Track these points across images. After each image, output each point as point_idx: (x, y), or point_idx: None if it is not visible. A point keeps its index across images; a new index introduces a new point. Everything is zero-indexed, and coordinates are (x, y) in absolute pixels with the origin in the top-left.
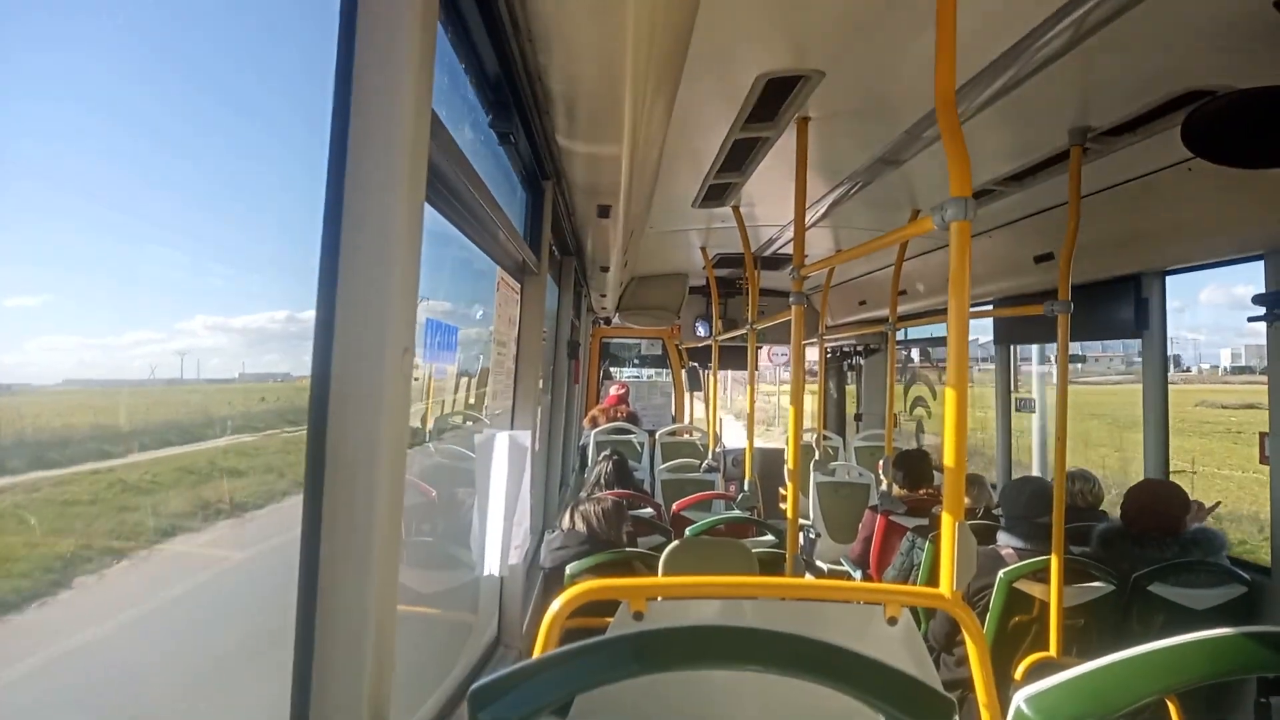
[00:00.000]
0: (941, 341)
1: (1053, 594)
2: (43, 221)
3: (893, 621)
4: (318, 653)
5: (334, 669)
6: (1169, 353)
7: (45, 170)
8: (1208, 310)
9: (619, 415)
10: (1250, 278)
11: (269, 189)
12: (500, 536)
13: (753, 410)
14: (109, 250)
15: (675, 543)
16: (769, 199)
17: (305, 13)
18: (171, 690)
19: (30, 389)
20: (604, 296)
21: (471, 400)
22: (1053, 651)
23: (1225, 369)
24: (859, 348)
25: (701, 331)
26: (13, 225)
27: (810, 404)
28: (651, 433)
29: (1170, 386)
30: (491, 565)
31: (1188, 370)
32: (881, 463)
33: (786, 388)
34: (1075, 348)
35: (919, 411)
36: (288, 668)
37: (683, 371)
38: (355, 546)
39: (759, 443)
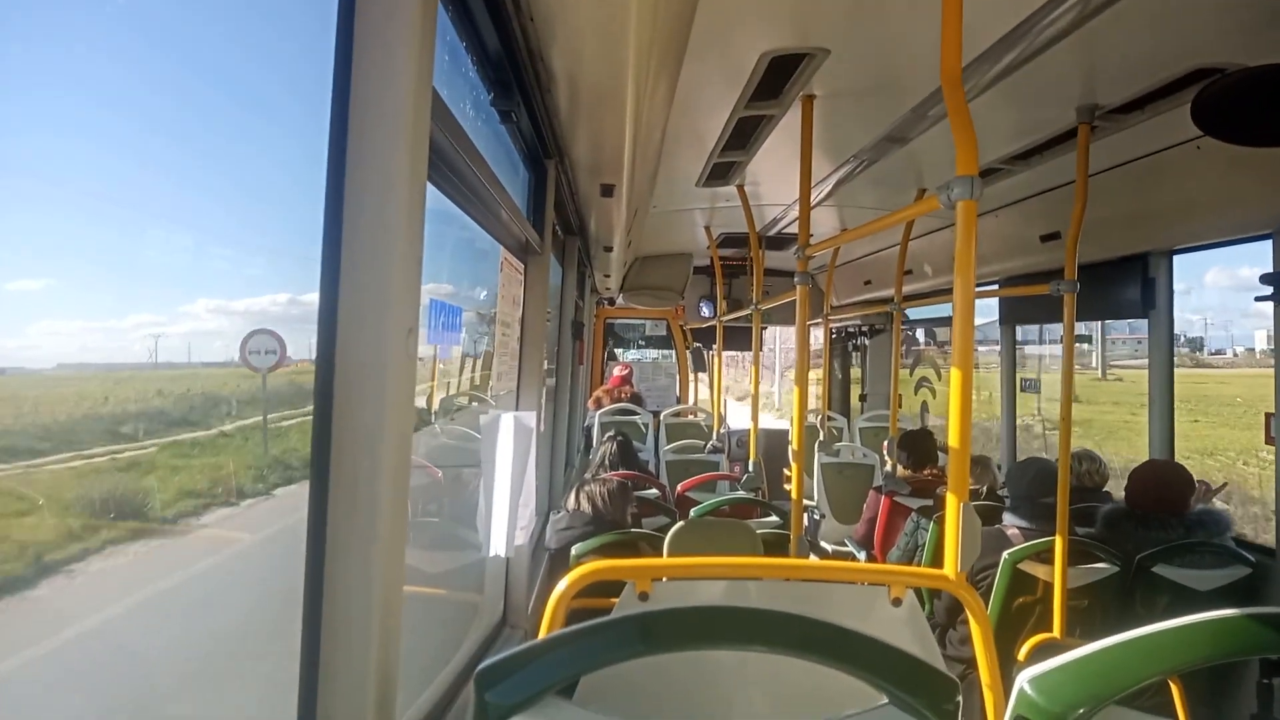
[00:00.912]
0: (947, 321)
1: (1057, 575)
2: (45, 208)
3: (897, 602)
4: (325, 633)
5: (341, 649)
6: (1199, 335)
7: (47, 158)
8: (1213, 293)
9: (623, 396)
10: (1256, 260)
11: (269, 171)
12: (506, 517)
13: (757, 391)
14: (109, 236)
15: (680, 523)
16: (774, 178)
17: None
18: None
19: None
20: (608, 277)
21: (476, 381)
22: (1056, 632)
23: (1264, 351)
24: (864, 328)
25: (706, 312)
26: (16, 211)
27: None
28: (656, 414)
29: (1220, 371)
30: (497, 546)
31: (1221, 352)
32: (886, 443)
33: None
34: (1084, 327)
35: (923, 392)
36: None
37: (687, 352)
38: (361, 527)
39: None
